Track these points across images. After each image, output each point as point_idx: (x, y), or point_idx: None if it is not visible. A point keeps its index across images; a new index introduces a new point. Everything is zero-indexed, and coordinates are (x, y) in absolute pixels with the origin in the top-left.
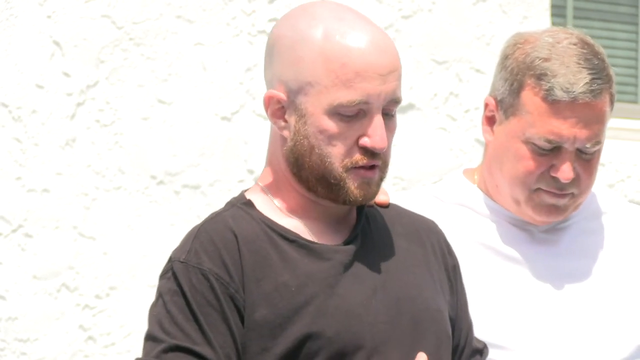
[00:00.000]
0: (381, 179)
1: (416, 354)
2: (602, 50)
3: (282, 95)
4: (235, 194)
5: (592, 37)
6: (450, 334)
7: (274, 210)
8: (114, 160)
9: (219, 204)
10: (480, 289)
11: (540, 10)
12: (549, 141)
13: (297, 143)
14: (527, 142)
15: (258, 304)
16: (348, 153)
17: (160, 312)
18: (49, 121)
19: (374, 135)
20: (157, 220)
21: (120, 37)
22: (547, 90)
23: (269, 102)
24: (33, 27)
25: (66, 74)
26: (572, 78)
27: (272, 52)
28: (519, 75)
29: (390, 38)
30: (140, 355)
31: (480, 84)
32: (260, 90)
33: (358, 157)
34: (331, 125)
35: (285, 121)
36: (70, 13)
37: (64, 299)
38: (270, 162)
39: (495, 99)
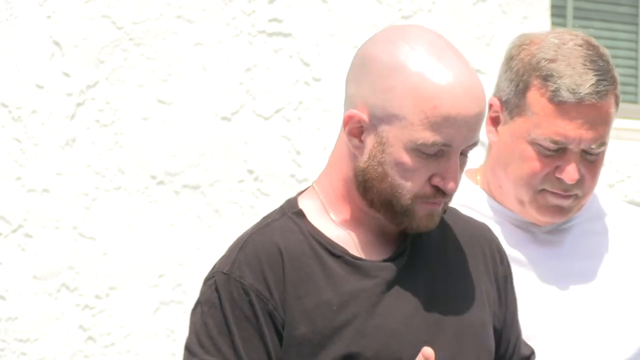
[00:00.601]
0: (444, 210)
1: None
2: (606, 52)
3: (365, 118)
4: (235, 194)
5: (592, 37)
6: (493, 349)
7: (325, 219)
8: (114, 160)
9: (219, 204)
10: None
11: (541, 10)
12: (555, 142)
13: (370, 167)
14: (533, 142)
15: (299, 321)
16: (420, 188)
17: (197, 321)
18: (49, 121)
19: (448, 177)
20: (157, 220)
21: (120, 37)
22: (553, 91)
23: (349, 120)
24: (33, 27)
25: (66, 74)
26: (578, 79)
27: (362, 71)
28: (524, 76)
29: (480, 80)
30: None
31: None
32: (260, 89)
33: (428, 194)
34: (408, 160)
35: (362, 142)
36: (70, 13)
37: (64, 299)
38: (331, 170)
39: (500, 99)
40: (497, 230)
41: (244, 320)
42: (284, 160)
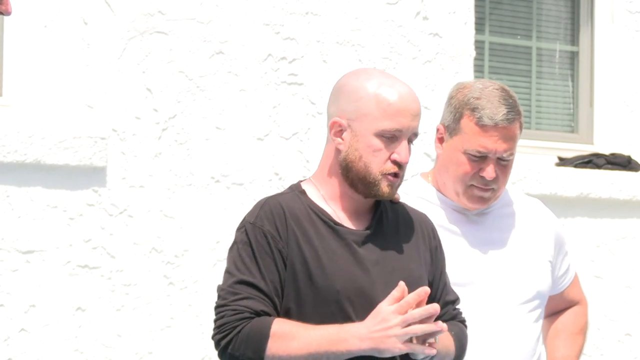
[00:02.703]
0: (400, 184)
1: None
2: (514, 93)
3: (344, 122)
4: (267, 190)
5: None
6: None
7: (318, 197)
8: (186, 166)
9: (256, 196)
10: None
11: (466, 68)
12: (479, 152)
13: (350, 153)
14: (465, 152)
15: (297, 259)
16: (383, 163)
17: (235, 255)
18: (144, 140)
19: (401, 152)
20: (215, 206)
21: (190, 85)
22: (478, 118)
23: (333, 125)
24: (133, 79)
25: (155, 110)
26: (495, 110)
27: (338, 95)
28: (460, 109)
29: (416, 94)
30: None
31: (428, 117)
32: (283, 120)
33: (390, 166)
34: (376, 143)
35: (343, 139)
36: (157, 69)
37: (153, 257)
38: (323, 167)
39: (444, 125)
40: (441, 214)
41: (264, 253)
42: (298, 166)
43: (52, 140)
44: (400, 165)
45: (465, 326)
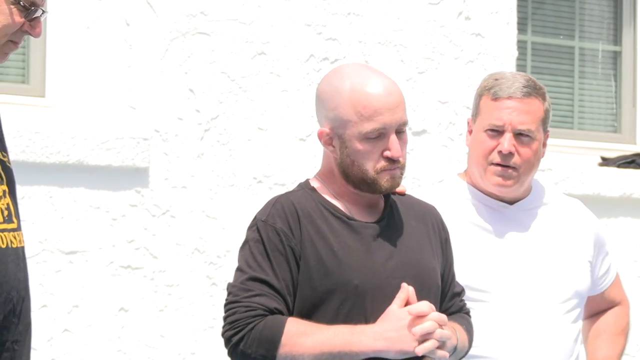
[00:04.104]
0: (401, 174)
1: (416, 298)
2: (539, 82)
3: (329, 131)
4: None
5: (544, 85)
6: (440, 284)
7: (328, 194)
8: (229, 167)
9: None
10: (469, 250)
11: (509, 68)
12: (495, 125)
13: (342, 160)
14: (484, 130)
15: (311, 256)
16: (377, 162)
17: (246, 253)
18: (186, 141)
19: (392, 148)
20: (257, 206)
21: (233, 86)
22: (494, 92)
23: (320, 135)
24: (176, 80)
25: (197, 110)
26: (510, 84)
27: (318, 103)
28: (480, 92)
29: (395, 82)
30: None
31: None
32: None
33: (383, 164)
34: (363, 147)
35: (333, 146)
36: (199, 70)
37: (196, 258)
38: (325, 167)
39: (471, 117)
40: (473, 210)
41: (277, 251)
42: None
43: (95, 141)
44: (393, 161)
45: (470, 317)
